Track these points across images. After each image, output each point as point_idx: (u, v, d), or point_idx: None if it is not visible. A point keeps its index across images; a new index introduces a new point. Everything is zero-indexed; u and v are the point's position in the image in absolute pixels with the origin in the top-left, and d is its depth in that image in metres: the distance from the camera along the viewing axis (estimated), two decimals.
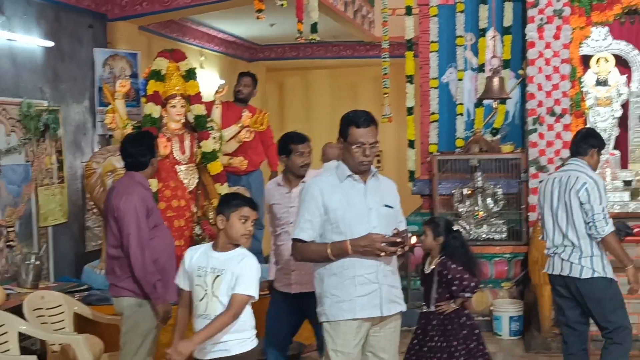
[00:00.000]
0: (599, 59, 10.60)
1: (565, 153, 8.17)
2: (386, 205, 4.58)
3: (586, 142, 5.86)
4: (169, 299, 5.23)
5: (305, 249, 4.51)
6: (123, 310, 5.31)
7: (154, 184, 6.49)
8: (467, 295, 5.68)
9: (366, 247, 4.35)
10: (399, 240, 4.34)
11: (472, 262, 5.88)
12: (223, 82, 10.56)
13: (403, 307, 4.68)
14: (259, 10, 6.76)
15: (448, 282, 5.60)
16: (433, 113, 9.02)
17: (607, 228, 5.57)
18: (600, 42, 10.54)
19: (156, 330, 5.36)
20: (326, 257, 4.43)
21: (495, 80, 8.17)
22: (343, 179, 4.52)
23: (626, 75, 9.97)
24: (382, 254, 4.35)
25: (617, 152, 9.54)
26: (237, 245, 4.38)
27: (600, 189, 5.63)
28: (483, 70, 8.86)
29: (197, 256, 4.40)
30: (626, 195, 8.46)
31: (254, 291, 4.31)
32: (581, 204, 5.61)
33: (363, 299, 4.44)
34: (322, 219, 4.47)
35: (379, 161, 14.04)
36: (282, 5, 7.16)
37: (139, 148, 5.44)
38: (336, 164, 4.64)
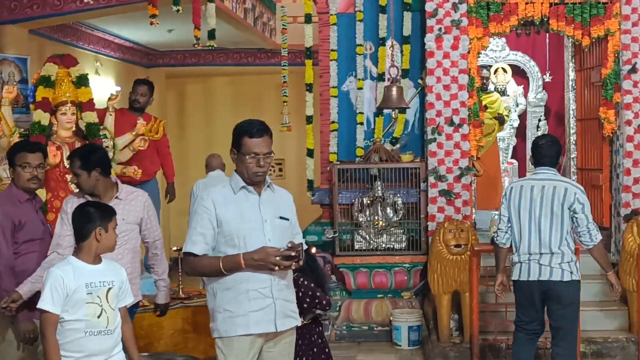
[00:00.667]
0: (497, 69, 10.85)
1: (464, 163, 8.30)
2: (281, 217, 4.50)
3: (558, 152, 6.28)
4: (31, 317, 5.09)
5: (197, 263, 4.39)
6: None
7: (42, 195, 6.26)
8: (318, 312, 5.64)
9: (260, 261, 4.26)
10: (293, 254, 4.26)
11: (323, 279, 5.93)
12: (119, 88, 10.31)
13: (298, 322, 4.60)
14: (153, 16, 6.62)
15: (300, 299, 5.22)
16: (333, 122, 8.98)
17: (599, 236, 6.06)
18: (498, 52, 10.79)
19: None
20: (219, 271, 4.31)
21: (394, 90, 8.18)
22: (237, 190, 4.42)
23: (523, 86, 10.21)
24: (277, 268, 4.26)
25: (515, 162, 9.74)
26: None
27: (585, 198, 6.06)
28: (383, 80, 8.86)
29: (74, 274, 4.23)
30: None
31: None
32: (574, 213, 5.96)
33: (257, 314, 4.34)
34: (215, 232, 4.36)
35: (280, 170, 14.00)
36: (177, 10, 7.03)
37: None
38: (221, 174, 4.57)
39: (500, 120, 9.65)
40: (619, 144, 8.38)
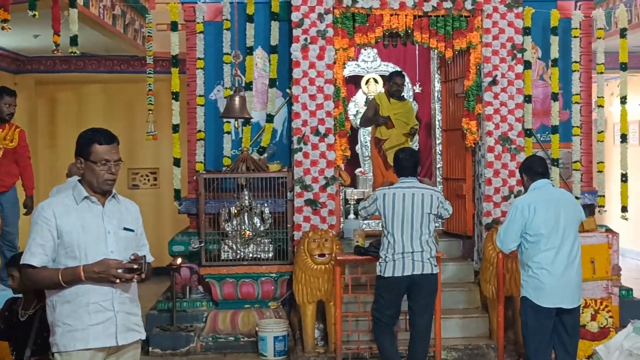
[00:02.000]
0: (368, 80, 11.00)
1: (329, 172, 8.38)
2: (126, 229, 4.44)
3: (416, 163, 7.22)
4: None
5: (35, 275, 4.27)
6: None
7: None
8: None
9: (101, 273, 4.18)
10: (135, 266, 4.20)
11: None
12: None
13: (142, 335, 4.52)
14: (5, 21, 6.42)
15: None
16: (200, 131, 8.92)
17: (451, 208, 7.19)
18: (369, 63, 10.93)
19: None
20: (57, 283, 4.21)
21: (237, 100, 8.14)
22: (79, 200, 4.34)
23: None
24: (118, 280, 4.20)
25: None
26: None
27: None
28: (251, 89, 8.87)
29: None
30: None
31: None
32: (439, 213, 7.00)
33: (97, 328, 4.26)
34: (55, 243, 4.27)
35: (155, 179, 13.81)
36: (33, 16, 6.86)
37: None
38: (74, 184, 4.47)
39: (412, 133, 9.70)
40: (481, 155, 8.62)
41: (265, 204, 8.59)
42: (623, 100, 9.28)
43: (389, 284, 6.87)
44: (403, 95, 10.06)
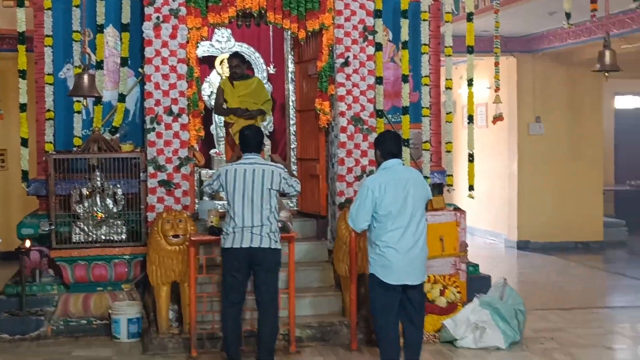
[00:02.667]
0: (222, 60, 10.96)
1: (183, 153, 8.34)
2: None
3: (260, 141, 7.37)
4: None
5: None
6: None
7: None
8: None
9: None
10: None
11: None
12: None
13: None
14: None
15: None
16: (49, 110, 8.66)
17: (299, 186, 7.32)
18: (223, 43, 10.90)
19: None
20: None
21: (85, 78, 7.97)
22: None
23: None
24: None
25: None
26: None
27: None
28: (102, 68, 8.69)
29: None
30: None
31: None
32: (283, 190, 7.17)
33: None
34: None
35: (3, 161, 13.37)
36: None
37: None
38: None
39: (253, 116, 9.63)
40: (334, 135, 8.75)
41: (118, 185, 8.46)
42: (470, 82, 9.61)
43: (229, 256, 7.04)
44: (249, 75, 10.07)
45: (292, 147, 9.77)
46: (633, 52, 12.04)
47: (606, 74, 8.92)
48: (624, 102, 19.13)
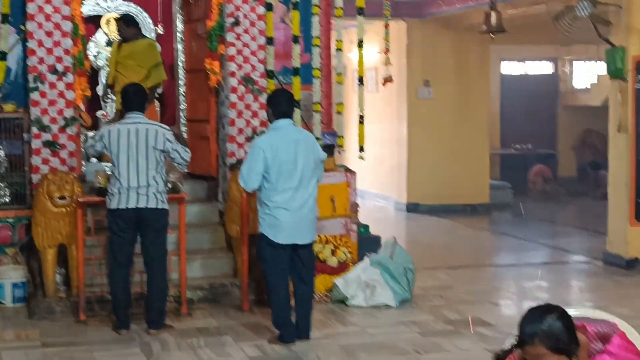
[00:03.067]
0: (108, 19, 10.69)
1: (69, 113, 8.14)
2: None
3: (143, 99, 7.29)
4: None
5: None
6: None
7: None
8: None
9: None
10: None
11: None
12: None
13: None
14: None
15: None
16: None
17: (188, 154, 7.17)
18: (109, 2, 10.64)
19: None
20: None
21: None
22: None
23: None
24: None
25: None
26: None
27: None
28: None
29: None
30: None
31: None
32: (167, 152, 7.00)
33: None
34: None
35: None
36: None
37: None
38: None
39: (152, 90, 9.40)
40: (224, 96, 8.68)
41: (0, 147, 8.20)
42: (360, 44, 9.63)
43: (115, 217, 6.98)
44: (144, 37, 9.84)
45: (181, 108, 9.65)
46: (519, 16, 12.29)
47: (492, 35, 9.12)
48: (510, 67, 19.59)
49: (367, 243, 8.92)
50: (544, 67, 19.85)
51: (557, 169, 18.82)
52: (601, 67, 16.59)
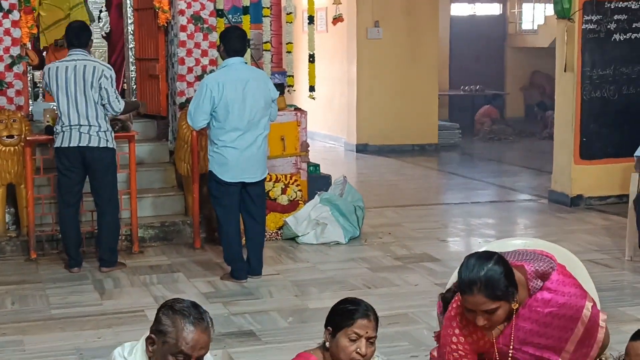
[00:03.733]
0: None
1: (15, 51, 8.02)
2: None
3: (88, 36, 7.13)
4: None
5: None
6: None
7: None
8: None
9: None
10: None
11: None
12: None
13: None
14: None
15: None
16: None
17: (121, 104, 7.01)
18: None
19: None
20: None
21: None
22: None
23: None
24: None
25: None
26: None
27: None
28: None
29: None
30: None
31: None
32: (101, 89, 6.86)
33: None
34: None
35: None
36: None
37: None
38: None
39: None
40: (173, 34, 8.61)
41: None
42: None
43: (61, 155, 6.97)
44: None
45: (130, 47, 9.53)
46: None
47: None
48: (460, 9, 19.66)
49: (317, 182, 9.01)
50: (493, 9, 19.97)
51: (504, 110, 19.08)
52: (549, 8, 16.81)
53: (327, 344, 3.47)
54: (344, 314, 3.44)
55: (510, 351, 3.57)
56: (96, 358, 5.20)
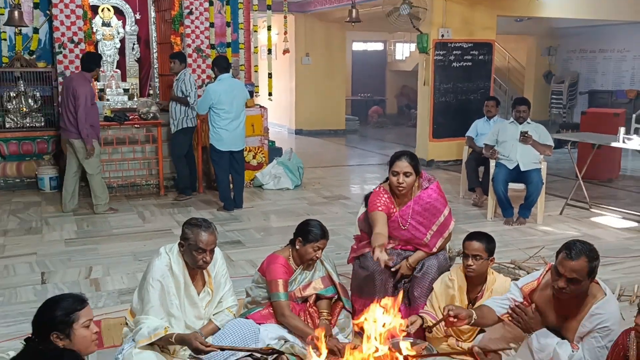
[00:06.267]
0: (103, 8, 10.19)
1: None
2: None
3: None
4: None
5: None
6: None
7: None
8: None
9: None
10: None
11: None
12: None
13: None
14: None
15: None
16: None
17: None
18: None
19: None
20: None
21: (16, 13, 7.27)
22: None
23: (122, 20, 9.75)
24: None
25: (118, 71, 9.39)
26: None
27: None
28: (20, 9, 7.89)
29: None
30: (126, 98, 8.47)
31: None
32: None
33: None
34: None
35: None
36: None
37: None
38: None
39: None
40: None
41: (36, 90, 7.90)
42: (269, 28, 9.57)
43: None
44: None
45: (155, 67, 9.40)
46: (365, 13, 12.37)
47: (353, 23, 9.21)
48: (358, 46, 19.71)
49: (274, 151, 9.04)
50: (378, 46, 20.07)
51: (385, 109, 19.23)
52: (413, 46, 16.96)
53: (298, 247, 3.52)
54: (310, 232, 3.50)
55: (409, 220, 3.69)
56: (143, 257, 5.22)
